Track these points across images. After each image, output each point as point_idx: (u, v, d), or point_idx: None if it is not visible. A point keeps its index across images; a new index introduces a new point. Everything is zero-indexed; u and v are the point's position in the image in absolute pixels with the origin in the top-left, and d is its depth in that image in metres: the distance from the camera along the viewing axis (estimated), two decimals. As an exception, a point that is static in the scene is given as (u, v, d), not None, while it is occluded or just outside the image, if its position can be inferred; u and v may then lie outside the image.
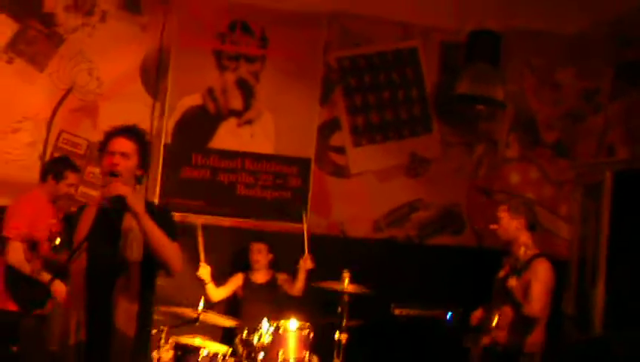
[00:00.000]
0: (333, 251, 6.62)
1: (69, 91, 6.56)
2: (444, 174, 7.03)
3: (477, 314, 4.86)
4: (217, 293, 6.24)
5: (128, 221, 3.70)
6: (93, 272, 3.68)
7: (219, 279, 6.40)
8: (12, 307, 5.15)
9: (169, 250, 3.70)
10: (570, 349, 6.11)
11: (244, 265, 6.51)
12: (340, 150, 6.94)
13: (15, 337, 5.09)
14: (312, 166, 6.84)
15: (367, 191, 6.94)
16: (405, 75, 7.03)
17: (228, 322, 5.84)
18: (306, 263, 6.18)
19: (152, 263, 3.75)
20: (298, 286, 6.25)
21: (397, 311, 6.30)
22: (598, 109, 6.80)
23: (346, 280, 5.65)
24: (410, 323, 6.24)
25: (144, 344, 3.83)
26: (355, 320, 5.83)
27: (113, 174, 3.69)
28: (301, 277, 6.24)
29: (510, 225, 4.68)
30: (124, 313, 3.68)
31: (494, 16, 6.71)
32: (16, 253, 5.08)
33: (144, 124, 6.47)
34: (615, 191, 6.36)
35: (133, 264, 3.69)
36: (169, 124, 6.67)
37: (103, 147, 3.82)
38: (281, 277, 6.42)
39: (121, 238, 3.70)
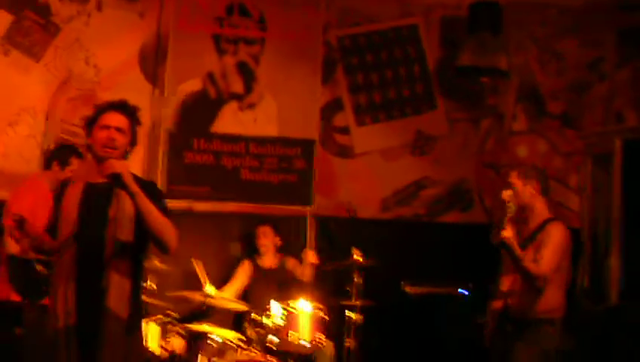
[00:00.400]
0: (342, 232, 6.56)
1: (66, 81, 6.48)
2: (451, 151, 6.93)
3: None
4: (228, 294, 6.06)
5: (117, 200, 3.62)
6: (84, 254, 3.61)
7: (226, 267, 6.36)
8: (15, 298, 5.08)
9: (165, 227, 3.64)
10: (586, 318, 6.01)
11: (251, 250, 6.43)
12: (344, 130, 6.85)
13: (18, 321, 5.02)
14: (317, 147, 6.75)
15: (373, 171, 6.85)
16: (407, 53, 6.94)
17: (237, 305, 5.74)
18: (307, 257, 6.08)
19: (142, 243, 3.70)
20: (306, 274, 6.16)
21: (408, 289, 6.23)
22: (604, 78, 6.71)
23: (357, 256, 5.56)
24: (421, 300, 6.17)
25: (137, 325, 3.77)
26: (367, 301, 5.75)
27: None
28: (307, 269, 6.13)
29: (524, 190, 4.55)
30: (117, 294, 3.60)
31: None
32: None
33: (144, 112, 6.42)
34: (625, 159, 6.26)
35: (124, 244, 3.62)
36: (169, 111, 6.58)
37: (94, 121, 3.74)
38: (290, 262, 6.32)
39: (110, 218, 3.61)
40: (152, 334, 5.46)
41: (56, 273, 3.70)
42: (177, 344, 5.50)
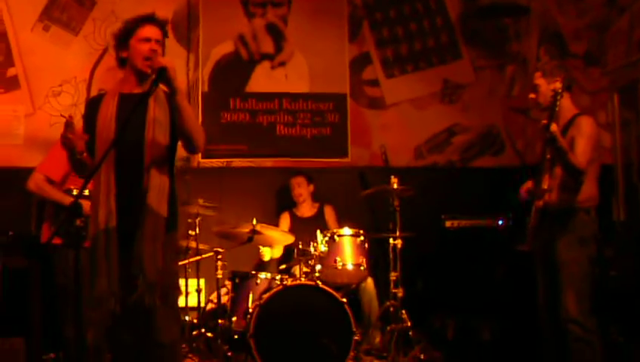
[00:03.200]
0: (378, 181, 6.70)
1: (104, 51, 6.77)
2: (479, 97, 7.12)
3: (526, 186, 4.83)
4: (275, 252, 6.29)
5: (154, 104, 3.79)
6: (123, 158, 3.74)
7: (266, 220, 6.50)
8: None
9: (197, 126, 3.84)
10: (624, 243, 6.08)
11: (288, 203, 6.61)
12: (374, 83, 7.06)
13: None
14: (348, 100, 6.96)
15: (404, 120, 7.04)
16: (429, 6, 7.15)
17: (285, 237, 5.88)
18: None
19: (175, 143, 3.86)
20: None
21: (448, 223, 6.36)
22: (622, 12, 6.83)
23: (395, 184, 5.71)
24: (461, 233, 6.29)
25: (175, 222, 3.88)
26: (407, 233, 5.87)
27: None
28: None
29: (549, 89, 4.66)
30: (157, 194, 3.74)
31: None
32: (35, 182, 5.13)
33: (180, 76, 6.68)
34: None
35: (161, 147, 3.77)
36: (204, 73, 6.84)
37: (130, 34, 3.92)
38: (328, 212, 6.49)
39: (148, 121, 3.76)
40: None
41: (96, 180, 3.76)
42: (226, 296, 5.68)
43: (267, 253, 6.17)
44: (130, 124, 3.67)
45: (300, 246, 5.56)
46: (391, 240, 5.72)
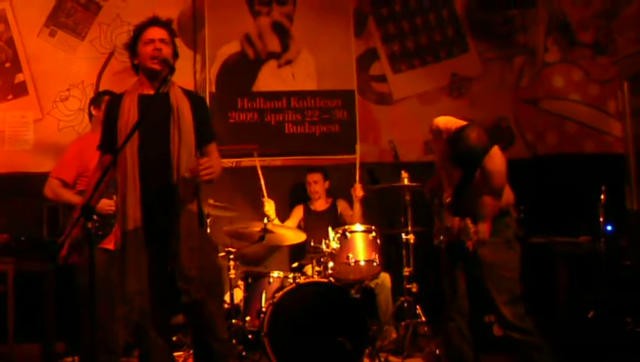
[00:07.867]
0: (389, 177, 6.67)
1: (111, 55, 6.79)
2: (488, 90, 7.07)
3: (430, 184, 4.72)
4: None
5: (174, 104, 3.86)
6: (149, 160, 3.80)
7: (280, 217, 6.48)
8: None
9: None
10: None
11: (303, 198, 6.59)
12: (381, 78, 7.04)
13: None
14: (356, 97, 6.94)
15: (413, 115, 7.00)
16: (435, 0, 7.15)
17: (296, 235, 5.86)
18: (356, 191, 6.17)
19: (200, 140, 3.93)
20: (356, 215, 6.27)
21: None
22: None
23: (405, 179, 5.68)
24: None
25: (205, 218, 4.01)
26: (419, 227, 5.83)
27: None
28: (356, 206, 6.22)
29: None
30: (187, 191, 3.80)
31: None
32: (51, 188, 5.16)
33: (187, 77, 6.74)
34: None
35: (187, 144, 3.83)
36: (211, 74, 6.83)
37: (135, 41, 3.98)
38: (341, 205, 6.47)
39: (173, 121, 3.82)
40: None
41: (121, 181, 3.84)
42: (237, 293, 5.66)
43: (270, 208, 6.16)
44: (154, 124, 3.77)
45: (312, 244, 5.56)
46: (403, 236, 5.70)
